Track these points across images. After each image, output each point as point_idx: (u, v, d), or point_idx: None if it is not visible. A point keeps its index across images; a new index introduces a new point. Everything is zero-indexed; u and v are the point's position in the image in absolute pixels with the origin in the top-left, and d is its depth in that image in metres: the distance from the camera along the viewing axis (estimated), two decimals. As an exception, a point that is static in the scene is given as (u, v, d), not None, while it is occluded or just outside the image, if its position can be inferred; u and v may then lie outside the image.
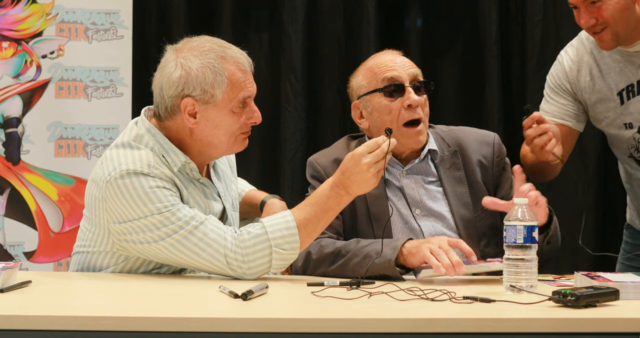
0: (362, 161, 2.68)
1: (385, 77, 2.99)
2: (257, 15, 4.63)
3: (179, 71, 2.74)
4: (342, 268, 2.81)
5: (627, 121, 3.22)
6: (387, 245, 2.77)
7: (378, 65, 3.03)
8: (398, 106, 2.98)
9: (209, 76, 2.74)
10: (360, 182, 2.70)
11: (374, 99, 3.02)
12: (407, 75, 3.00)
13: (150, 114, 2.86)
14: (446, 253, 2.68)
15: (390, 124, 2.98)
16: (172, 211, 2.67)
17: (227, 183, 2.97)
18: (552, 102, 3.33)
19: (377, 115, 3.01)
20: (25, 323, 2.12)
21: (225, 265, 2.67)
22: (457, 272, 2.66)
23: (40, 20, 4.32)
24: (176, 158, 2.77)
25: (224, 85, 2.75)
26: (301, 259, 2.86)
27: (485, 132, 3.16)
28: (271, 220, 2.70)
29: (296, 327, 2.14)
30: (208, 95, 2.74)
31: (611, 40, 3.11)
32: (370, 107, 3.02)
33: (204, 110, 2.76)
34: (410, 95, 2.98)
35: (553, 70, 3.36)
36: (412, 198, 3.02)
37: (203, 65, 2.74)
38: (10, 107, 4.31)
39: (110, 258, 2.79)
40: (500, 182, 3.10)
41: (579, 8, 3.10)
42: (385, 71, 3.00)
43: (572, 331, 2.15)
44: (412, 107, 2.98)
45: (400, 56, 3.07)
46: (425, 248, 2.72)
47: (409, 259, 2.75)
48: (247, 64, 2.80)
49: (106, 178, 2.71)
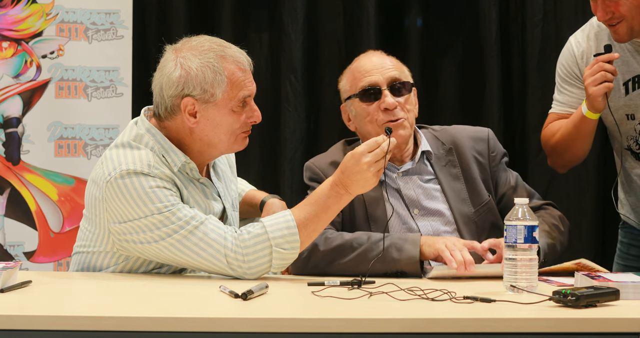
0: (362, 160, 2.68)
1: (362, 83, 3.04)
2: (257, 15, 4.62)
3: (179, 71, 2.74)
4: (355, 261, 2.81)
5: (630, 112, 3.22)
6: (405, 240, 2.82)
7: (358, 69, 3.08)
8: (375, 109, 3.02)
9: (208, 75, 2.74)
10: (360, 181, 2.70)
11: (354, 103, 3.06)
12: (385, 79, 3.03)
13: (150, 114, 2.86)
14: (460, 251, 2.73)
15: (373, 127, 3.01)
16: (172, 211, 2.67)
17: (227, 183, 2.97)
18: (566, 92, 3.31)
19: (359, 119, 3.07)
20: (25, 323, 2.12)
21: (225, 265, 2.66)
22: (467, 271, 2.69)
23: (40, 20, 4.32)
24: (176, 158, 2.77)
25: (223, 85, 2.75)
26: (306, 251, 2.85)
27: (479, 129, 3.18)
28: (271, 219, 2.70)
29: (296, 327, 2.14)
30: (208, 95, 2.74)
31: (626, 34, 3.10)
32: (353, 111, 3.08)
33: (204, 109, 2.76)
34: (386, 99, 3.01)
35: (562, 59, 3.33)
36: (410, 198, 3.03)
37: (202, 65, 2.74)
38: (10, 107, 4.31)
39: (111, 258, 2.79)
40: (498, 178, 3.11)
41: (597, 0, 3.09)
42: (363, 77, 3.05)
43: (572, 331, 2.16)
44: (389, 110, 3.00)
45: (380, 57, 3.09)
46: (441, 242, 2.79)
47: (424, 249, 2.81)
48: (246, 63, 2.80)
49: (106, 178, 2.71)
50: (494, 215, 3.03)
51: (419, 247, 2.80)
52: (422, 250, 2.81)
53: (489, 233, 3.01)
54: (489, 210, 3.03)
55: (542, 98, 4.56)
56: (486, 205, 3.04)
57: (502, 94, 4.55)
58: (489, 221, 3.03)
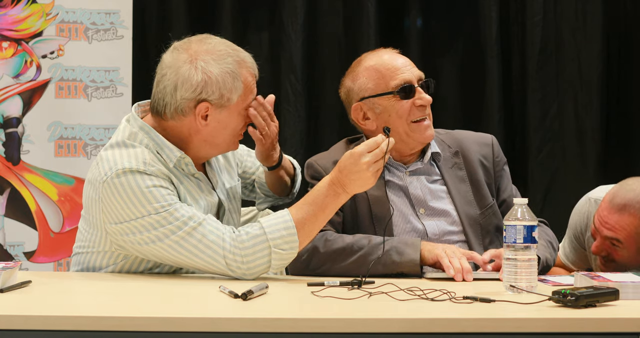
0: (362, 160, 2.68)
1: (398, 81, 3.01)
2: (257, 15, 4.63)
3: (200, 75, 2.73)
4: (356, 264, 2.81)
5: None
6: (405, 244, 2.82)
7: (385, 66, 3.03)
8: (409, 105, 3.01)
9: (228, 81, 2.75)
10: (359, 181, 2.70)
11: (383, 101, 3.02)
12: (415, 76, 3.03)
13: (142, 110, 2.86)
14: (459, 259, 2.75)
15: (401, 123, 2.99)
16: (170, 211, 2.67)
17: (221, 174, 2.97)
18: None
19: (387, 115, 3.02)
20: (25, 323, 2.12)
21: (224, 266, 2.66)
22: (465, 279, 2.71)
23: (40, 20, 4.32)
24: (171, 154, 2.77)
25: (240, 90, 2.77)
26: (305, 252, 2.85)
27: (483, 134, 3.21)
28: (269, 220, 2.70)
29: (296, 327, 2.14)
30: (224, 100, 2.75)
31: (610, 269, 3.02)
32: (379, 108, 3.02)
33: (217, 113, 2.76)
34: (422, 95, 3.01)
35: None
36: (416, 197, 3.03)
37: (223, 71, 2.74)
38: (10, 107, 4.31)
39: (109, 257, 2.79)
40: (500, 183, 3.12)
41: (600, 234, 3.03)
42: (396, 74, 3.02)
43: (572, 331, 2.16)
44: (424, 106, 3.01)
45: (400, 56, 3.08)
46: (441, 249, 2.80)
47: (424, 253, 2.81)
48: (255, 67, 2.83)
49: (102, 178, 2.71)
50: (498, 218, 3.04)
51: (419, 251, 2.81)
52: (422, 254, 2.81)
53: (492, 235, 3.02)
54: (493, 213, 3.04)
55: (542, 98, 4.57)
56: (491, 208, 3.05)
57: (502, 94, 4.55)
58: (493, 224, 3.03)
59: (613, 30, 4.62)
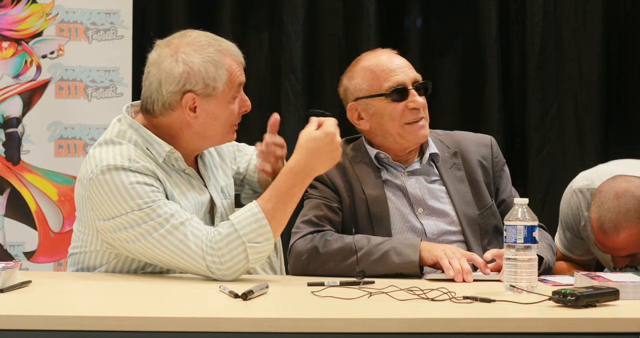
0: (338, 139, 2.73)
1: (390, 83, 3.01)
2: (257, 15, 4.63)
3: (181, 67, 2.75)
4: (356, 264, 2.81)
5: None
6: (405, 244, 2.82)
7: (380, 68, 3.03)
8: (402, 107, 3.00)
9: (211, 70, 2.75)
10: (331, 160, 2.74)
11: (376, 102, 3.02)
12: (410, 79, 3.02)
13: (133, 110, 2.87)
14: (458, 260, 2.74)
15: (393, 125, 2.99)
16: (153, 208, 2.66)
17: (214, 171, 2.97)
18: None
19: (380, 117, 3.02)
20: (25, 323, 2.12)
21: (205, 268, 2.66)
22: (464, 279, 2.71)
23: (40, 20, 4.32)
24: (160, 148, 2.77)
25: (225, 78, 2.77)
26: (305, 252, 2.86)
27: (482, 135, 3.21)
28: (238, 215, 2.69)
29: (296, 327, 2.14)
30: (210, 89, 2.76)
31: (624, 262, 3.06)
32: (373, 109, 3.03)
33: (204, 103, 2.77)
34: (415, 98, 3.00)
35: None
36: (415, 197, 3.03)
37: (204, 60, 2.75)
38: (10, 107, 4.31)
39: (102, 257, 2.79)
40: (500, 184, 3.12)
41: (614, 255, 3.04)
42: (390, 76, 3.01)
43: (572, 331, 2.16)
44: (417, 109, 3.00)
45: (398, 57, 3.08)
46: (440, 250, 2.79)
47: (423, 254, 2.81)
48: (241, 56, 2.84)
49: (89, 176, 2.72)
50: (497, 218, 3.03)
51: (418, 252, 2.80)
52: (421, 255, 2.80)
53: (491, 236, 3.02)
54: (492, 214, 3.04)
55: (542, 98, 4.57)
56: (490, 208, 3.04)
57: (502, 94, 4.55)
58: (491, 224, 3.03)
59: (613, 30, 4.62)
